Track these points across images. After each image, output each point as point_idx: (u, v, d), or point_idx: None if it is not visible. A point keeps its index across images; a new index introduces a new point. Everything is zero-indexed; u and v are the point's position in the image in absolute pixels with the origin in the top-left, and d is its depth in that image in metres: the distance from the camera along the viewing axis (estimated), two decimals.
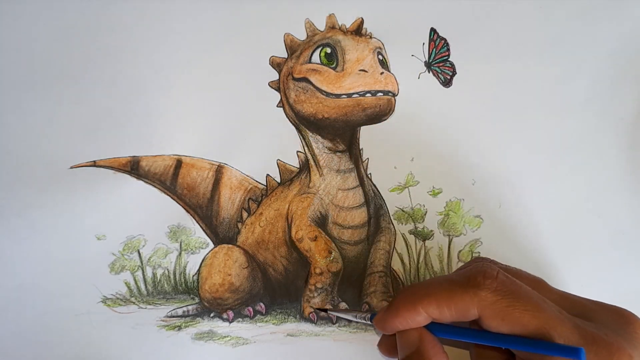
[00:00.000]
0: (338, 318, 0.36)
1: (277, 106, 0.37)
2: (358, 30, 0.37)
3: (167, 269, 0.37)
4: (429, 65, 0.38)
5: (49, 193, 0.36)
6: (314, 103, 0.36)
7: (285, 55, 0.37)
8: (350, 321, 0.36)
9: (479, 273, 0.27)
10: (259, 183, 0.37)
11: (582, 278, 0.38)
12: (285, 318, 0.36)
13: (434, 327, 0.28)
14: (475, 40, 0.38)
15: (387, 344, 0.31)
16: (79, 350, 0.36)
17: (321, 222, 0.37)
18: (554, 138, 0.38)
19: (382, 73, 0.36)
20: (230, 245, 0.37)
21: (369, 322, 0.32)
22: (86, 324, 0.36)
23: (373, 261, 0.37)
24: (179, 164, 0.37)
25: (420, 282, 0.30)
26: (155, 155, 0.37)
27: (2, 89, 0.37)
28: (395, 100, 0.37)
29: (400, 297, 0.29)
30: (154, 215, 0.37)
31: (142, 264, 0.36)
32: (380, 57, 0.37)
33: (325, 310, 0.36)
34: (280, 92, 0.37)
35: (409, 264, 0.37)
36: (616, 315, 0.27)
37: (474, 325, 0.29)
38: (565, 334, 0.25)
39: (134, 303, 0.36)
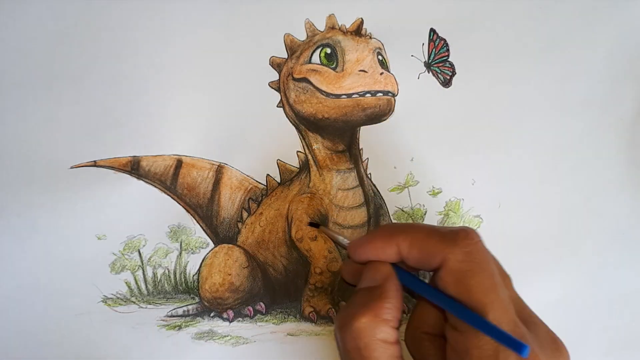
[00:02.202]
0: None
1: (277, 106, 0.37)
2: (358, 31, 0.37)
3: (168, 269, 0.37)
4: (428, 66, 0.38)
5: (49, 193, 0.36)
6: (314, 103, 0.36)
7: (285, 56, 0.37)
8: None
9: (462, 231, 0.27)
10: (259, 183, 0.37)
11: (582, 278, 0.38)
12: (285, 318, 0.36)
13: (399, 274, 0.29)
14: (475, 40, 0.38)
15: (351, 270, 0.31)
16: (79, 350, 0.36)
17: (321, 222, 0.37)
18: (554, 138, 0.38)
19: (381, 73, 0.36)
20: (230, 245, 0.37)
21: (345, 243, 0.33)
22: (86, 323, 0.36)
23: None
24: (179, 164, 0.37)
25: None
26: (156, 155, 0.37)
27: (2, 89, 0.37)
28: (395, 100, 0.37)
29: (380, 229, 0.30)
30: (154, 215, 0.37)
31: (142, 264, 0.36)
32: (380, 57, 0.37)
33: (317, 225, 0.36)
34: (280, 92, 0.37)
35: None
36: (552, 342, 0.28)
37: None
38: (503, 324, 0.25)
39: (134, 303, 0.36)
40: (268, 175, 0.37)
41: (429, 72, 0.38)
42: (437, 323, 0.30)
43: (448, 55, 0.38)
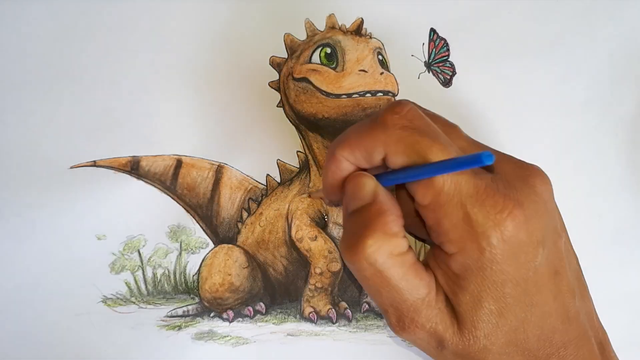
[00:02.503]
0: (338, 318, 0.36)
1: (277, 106, 0.37)
2: (358, 30, 0.37)
3: (167, 269, 0.37)
4: (428, 66, 0.38)
5: (49, 193, 0.36)
6: (314, 103, 0.36)
7: (285, 55, 0.37)
8: (350, 321, 0.36)
9: (387, 110, 0.26)
10: (259, 183, 0.37)
11: None
12: (285, 318, 0.36)
13: (383, 179, 0.27)
14: (475, 40, 0.38)
15: (329, 190, 0.30)
16: (79, 350, 0.36)
17: (321, 222, 0.37)
18: (554, 138, 0.38)
19: (382, 73, 0.36)
20: (230, 245, 0.37)
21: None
22: (86, 324, 0.36)
23: None
24: (179, 164, 0.37)
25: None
26: (155, 155, 0.37)
27: (2, 89, 0.37)
28: (395, 100, 0.37)
29: (327, 151, 0.29)
30: (154, 215, 0.37)
31: (142, 264, 0.36)
32: (380, 57, 0.37)
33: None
34: (280, 92, 0.37)
35: None
36: (520, 169, 0.27)
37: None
38: (446, 154, 0.24)
39: (134, 303, 0.36)
40: (268, 175, 0.37)
41: (429, 72, 0.38)
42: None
43: (448, 55, 0.38)
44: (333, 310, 0.36)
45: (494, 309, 0.25)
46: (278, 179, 0.37)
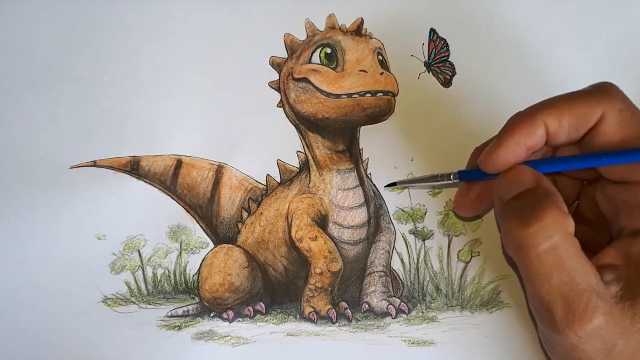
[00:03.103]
0: (338, 318, 0.36)
1: (277, 106, 0.37)
2: (358, 31, 0.37)
3: (168, 269, 0.37)
4: (428, 66, 0.38)
5: (49, 193, 0.36)
6: (314, 103, 0.36)
7: (285, 56, 0.37)
8: (350, 321, 0.36)
9: (607, 84, 0.26)
10: (259, 183, 0.37)
11: None
12: (285, 318, 0.36)
13: (535, 165, 0.27)
14: (475, 40, 0.38)
15: (466, 202, 0.29)
16: (79, 350, 0.36)
17: (321, 222, 0.37)
18: None
19: (382, 73, 0.36)
20: (230, 245, 0.37)
21: (454, 180, 0.31)
22: (86, 324, 0.36)
23: (373, 261, 0.37)
24: (179, 164, 0.37)
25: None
26: (155, 155, 0.37)
27: (2, 89, 0.37)
28: (395, 100, 0.37)
29: (511, 119, 0.27)
30: (154, 215, 0.37)
31: (142, 264, 0.36)
32: (380, 57, 0.37)
33: (394, 184, 0.36)
34: (280, 92, 0.37)
35: (409, 263, 0.37)
36: None
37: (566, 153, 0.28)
38: None
39: (134, 303, 0.36)
40: (268, 175, 0.37)
41: (429, 72, 0.38)
42: (571, 193, 0.29)
43: (448, 55, 0.38)
44: (333, 310, 0.36)
45: None
46: (278, 179, 0.37)
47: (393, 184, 0.36)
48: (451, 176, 0.31)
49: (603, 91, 0.26)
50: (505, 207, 0.27)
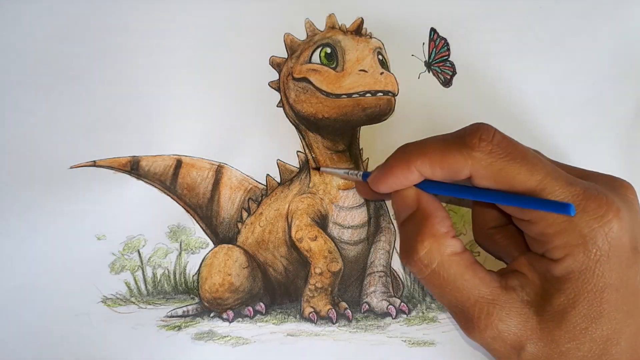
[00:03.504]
0: (338, 318, 0.36)
1: (277, 106, 0.37)
2: (358, 30, 0.37)
3: (167, 269, 0.37)
4: (429, 65, 0.38)
5: (49, 193, 0.36)
6: (314, 103, 0.36)
7: (285, 55, 0.37)
8: (350, 321, 0.36)
9: (474, 133, 0.26)
10: (259, 183, 0.37)
11: None
12: (285, 318, 0.36)
13: (427, 186, 0.28)
14: (475, 40, 0.38)
15: (365, 190, 0.32)
16: (79, 350, 0.36)
17: (321, 222, 0.37)
18: (554, 138, 0.38)
19: (382, 73, 0.36)
20: (230, 245, 0.37)
21: (359, 179, 0.33)
22: (86, 324, 0.36)
23: (373, 261, 0.37)
24: (179, 164, 0.37)
25: (415, 141, 0.29)
26: (155, 155, 0.37)
27: (2, 89, 0.37)
28: (395, 100, 0.37)
29: (394, 156, 0.29)
30: (154, 215, 0.37)
31: (142, 264, 0.36)
32: (380, 57, 0.37)
33: (318, 169, 0.37)
34: (280, 92, 0.37)
35: None
36: (610, 180, 0.28)
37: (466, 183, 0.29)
38: (558, 192, 0.25)
39: (134, 303, 0.36)
40: (268, 175, 0.37)
41: (429, 72, 0.38)
42: (499, 215, 0.30)
43: (448, 55, 0.38)
44: (333, 310, 0.36)
45: (587, 313, 0.25)
46: (278, 179, 0.37)
47: (317, 169, 0.37)
48: (357, 175, 0.33)
49: (469, 146, 0.26)
50: (399, 233, 0.30)
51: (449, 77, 0.38)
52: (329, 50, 0.36)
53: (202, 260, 0.37)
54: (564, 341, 0.26)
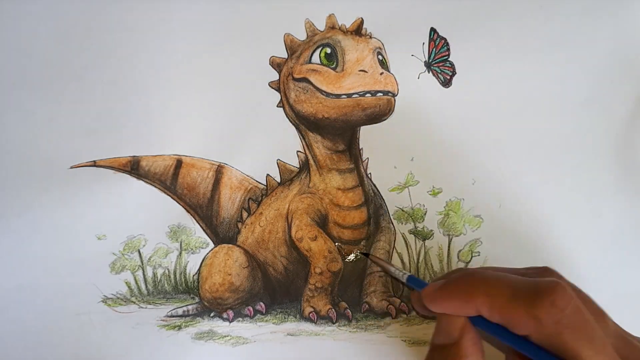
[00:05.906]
0: (338, 318, 0.36)
1: (277, 106, 0.37)
2: (358, 30, 0.37)
3: (168, 269, 0.37)
4: (428, 65, 0.38)
5: (49, 193, 0.36)
6: (314, 103, 0.36)
7: (285, 56, 0.37)
8: (350, 321, 0.36)
9: (548, 295, 0.24)
10: (259, 183, 0.37)
11: (582, 278, 0.38)
12: (285, 318, 0.36)
13: (479, 321, 0.27)
14: (475, 40, 0.38)
15: (421, 304, 0.30)
16: (79, 350, 0.36)
17: (321, 222, 0.37)
18: (554, 138, 0.38)
19: (381, 73, 0.36)
20: (230, 245, 0.37)
21: (403, 281, 0.33)
22: (86, 323, 0.36)
23: None
24: (179, 164, 0.37)
25: (483, 272, 0.27)
26: (155, 155, 0.37)
27: (2, 89, 0.37)
28: (395, 100, 0.37)
29: (457, 284, 0.27)
30: (154, 215, 0.37)
31: (142, 264, 0.36)
32: (380, 57, 0.37)
33: (367, 255, 0.36)
34: (280, 92, 0.37)
35: (409, 263, 0.37)
36: None
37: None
38: None
39: (134, 303, 0.36)
40: (268, 175, 0.37)
41: (429, 72, 0.38)
42: None
43: (448, 55, 0.38)
44: (333, 310, 0.36)
45: None
46: (278, 179, 0.37)
47: (366, 254, 0.36)
48: (403, 276, 0.33)
49: (539, 307, 0.24)
50: (430, 350, 0.28)
51: (448, 77, 0.38)
52: (329, 50, 0.36)
53: (203, 260, 0.37)
54: None
